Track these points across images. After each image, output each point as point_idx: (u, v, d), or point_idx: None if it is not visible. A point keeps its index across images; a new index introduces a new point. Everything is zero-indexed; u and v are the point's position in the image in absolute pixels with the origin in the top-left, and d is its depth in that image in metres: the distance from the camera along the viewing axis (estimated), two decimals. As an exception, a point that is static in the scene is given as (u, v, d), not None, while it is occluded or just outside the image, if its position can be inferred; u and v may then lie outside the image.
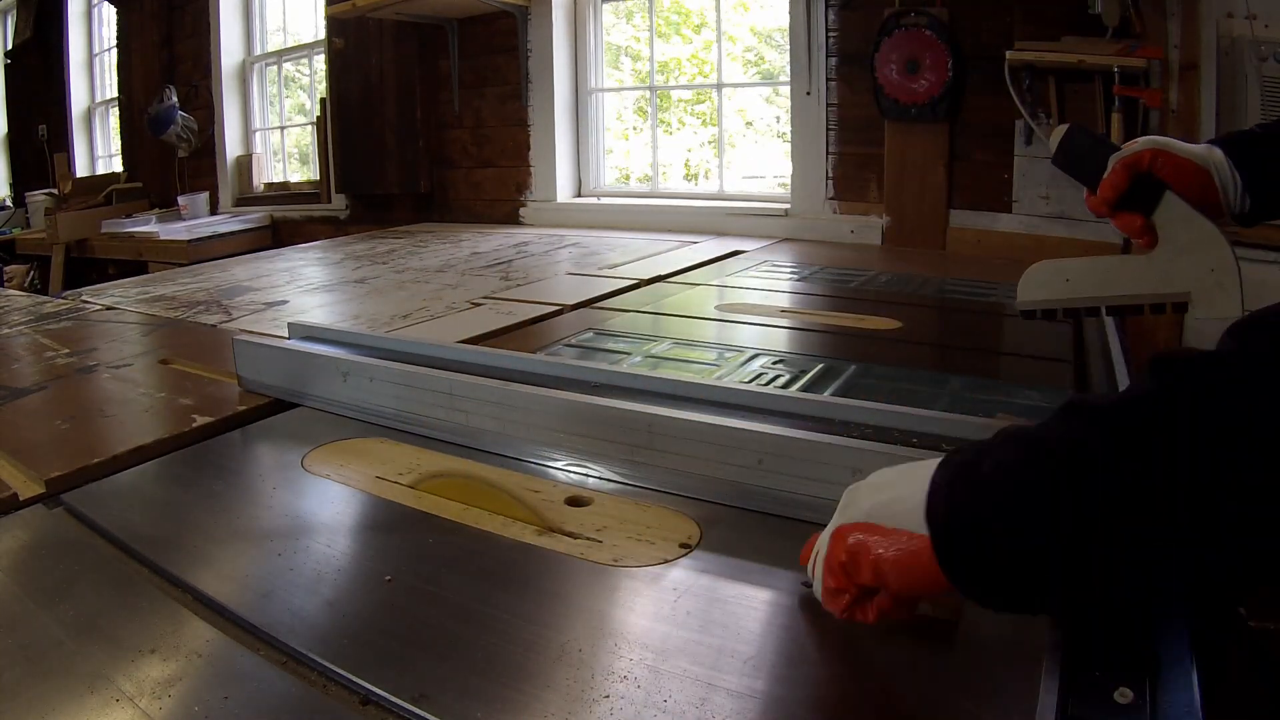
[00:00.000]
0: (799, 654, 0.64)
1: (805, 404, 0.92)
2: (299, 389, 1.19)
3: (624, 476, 0.92)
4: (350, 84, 3.89)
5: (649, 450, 0.89)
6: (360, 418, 1.12)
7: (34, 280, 4.82)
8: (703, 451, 0.86)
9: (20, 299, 2.30)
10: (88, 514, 0.88)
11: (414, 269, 2.45)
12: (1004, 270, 2.26)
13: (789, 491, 0.82)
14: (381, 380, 1.09)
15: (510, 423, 0.98)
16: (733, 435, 0.84)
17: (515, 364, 1.10)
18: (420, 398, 1.06)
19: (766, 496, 0.83)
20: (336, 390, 1.15)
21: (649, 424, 0.89)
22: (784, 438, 0.82)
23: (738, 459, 0.84)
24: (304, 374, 1.18)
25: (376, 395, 1.10)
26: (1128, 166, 0.85)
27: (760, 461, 0.83)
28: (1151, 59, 2.17)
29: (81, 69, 5.85)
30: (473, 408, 1.01)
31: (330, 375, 1.15)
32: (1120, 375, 1.35)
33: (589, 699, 0.58)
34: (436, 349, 1.18)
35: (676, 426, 0.87)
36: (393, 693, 0.58)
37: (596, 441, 0.93)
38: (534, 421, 0.97)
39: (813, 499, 0.79)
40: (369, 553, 0.81)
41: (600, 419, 0.92)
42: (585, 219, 3.40)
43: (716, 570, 0.75)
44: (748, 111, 3.69)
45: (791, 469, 0.81)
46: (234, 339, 1.28)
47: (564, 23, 3.42)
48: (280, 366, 1.21)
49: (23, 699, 0.59)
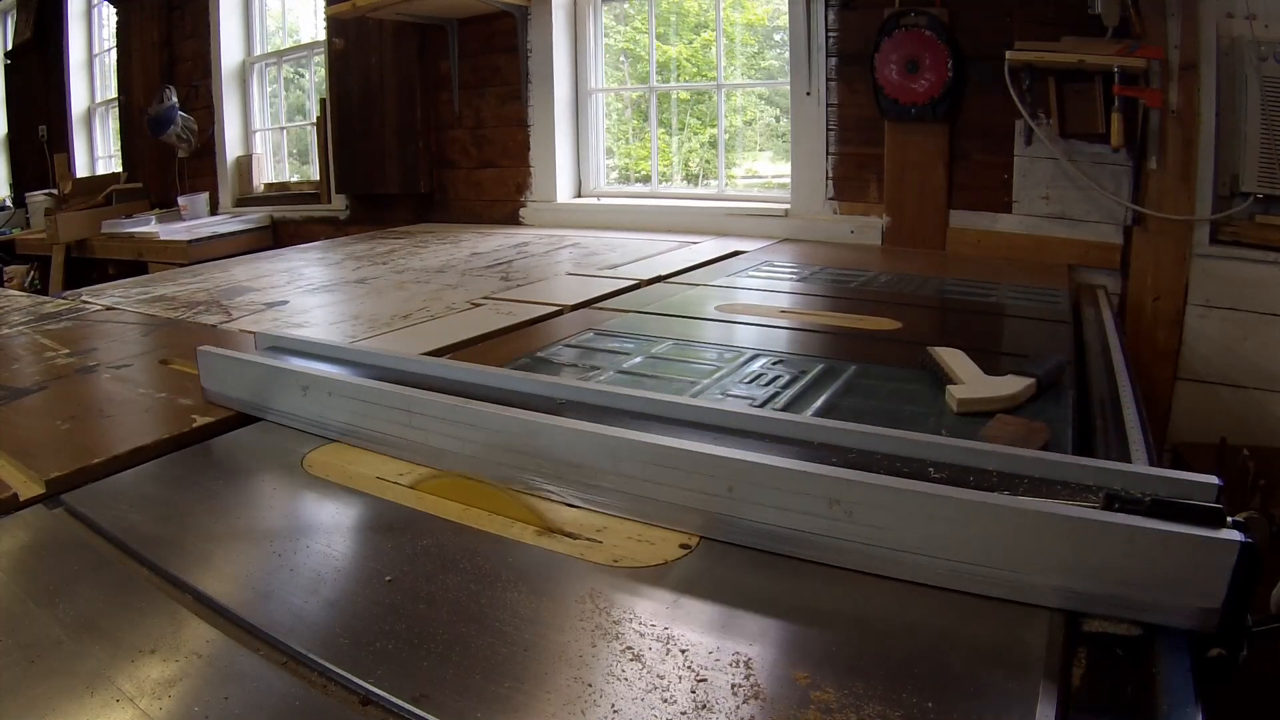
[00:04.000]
0: (799, 654, 0.64)
1: (784, 425, 0.89)
2: (261, 402, 1.15)
3: (585, 502, 0.86)
4: (350, 84, 3.89)
5: (613, 475, 0.84)
6: (321, 433, 1.08)
7: (34, 280, 4.82)
8: (667, 478, 0.80)
9: (20, 299, 2.30)
10: (88, 514, 0.88)
11: (414, 269, 2.45)
12: (1004, 270, 2.26)
13: (760, 522, 0.76)
14: (340, 395, 1.05)
15: (469, 442, 0.93)
16: (700, 460, 0.78)
17: (482, 379, 1.08)
18: (379, 414, 1.01)
19: (737, 527, 0.78)
20: (297, 404, 1.10)
21: (612, 447, 0.83)
22: (755, 464, 0.76)
23: (706, 486, 0.78)
24: (265, 387, 1.14)
25: (336, 410, 1.06)
26: None
27: (730, 489, 0.77)
28: (1151, 59, 2.17)
29: (81, 69, 5.85)
30: (431, 425, 0.96)
31: (291, 389, 1.10)
32: (1120, 375, 1.35)
33: (589, 699, 0.58)
34: (404, 361, 1.17)
35: (641, 450, 0.82)
36: (393, 693, 0.58)
37: (557, 464, 0.87)
38: (493, 441, 0.91)
39: (788, 531, 0.75)
40: (369, 553, 0.81)
41: (561, 441, 0.87)
42: (585, 219, 3.40)
43: (716, 571, 0.75)
44: (747, 111, 3.70)
45: (764, 498, 0.75)
46: (198, 349, 1.23)
47: (564, 23, 3.42)
48: (242, 379, 1.17)
49: (23, 699, 0.59)
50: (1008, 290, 1.97)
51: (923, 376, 1.23)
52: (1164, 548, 0.62)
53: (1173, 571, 0.61)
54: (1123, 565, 0.63)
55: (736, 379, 1.24)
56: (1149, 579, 0.62)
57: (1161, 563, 0.62)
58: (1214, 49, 2.15)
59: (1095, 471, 0.75)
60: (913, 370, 1.26)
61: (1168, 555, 0.62)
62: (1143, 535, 0.62)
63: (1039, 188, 2.45)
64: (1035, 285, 2.02)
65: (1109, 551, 0.63)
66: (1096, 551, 0.63)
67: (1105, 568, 0.63)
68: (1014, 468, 0.78)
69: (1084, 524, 0.64)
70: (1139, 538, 0.62)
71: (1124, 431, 1.08)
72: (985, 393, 1.09)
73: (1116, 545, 0.63)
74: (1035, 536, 0.65)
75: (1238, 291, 2.20)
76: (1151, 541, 0.62)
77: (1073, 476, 0.76)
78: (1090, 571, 0.63)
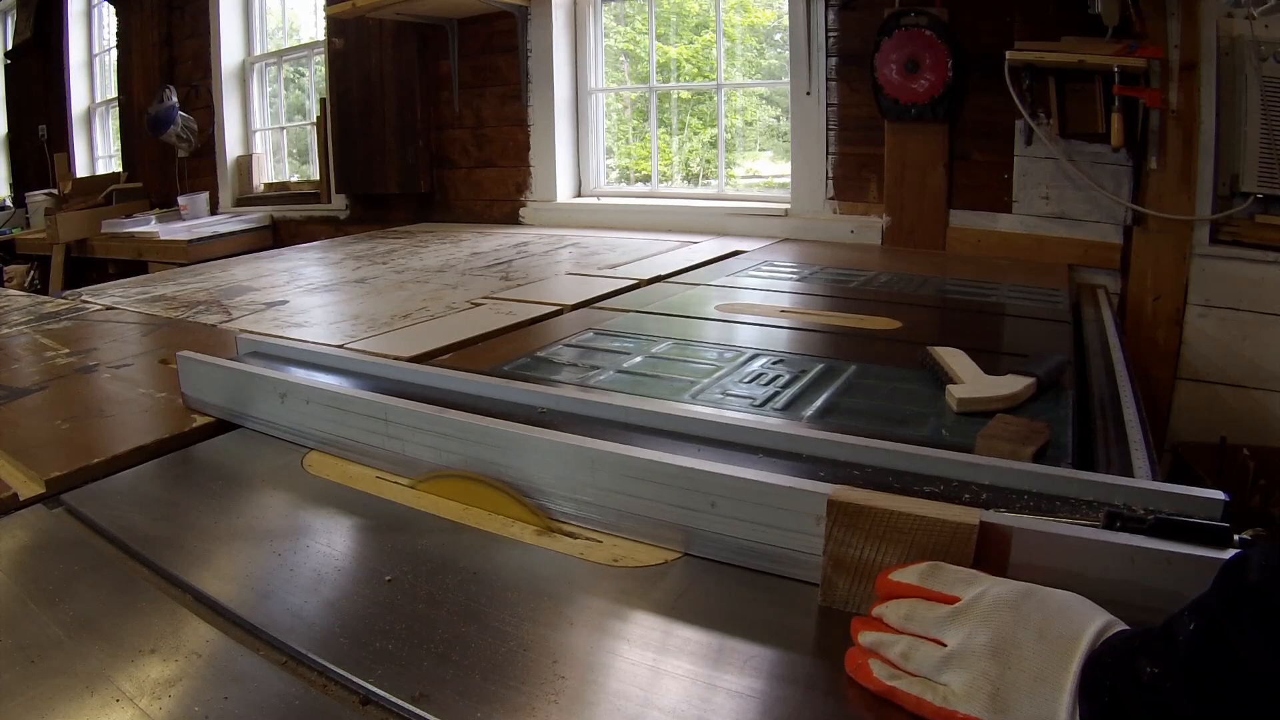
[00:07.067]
0: (800, 654, 0.64)
1: (773, 436, 0.87)
2: (239, 409, 1.13)
3: (566, 516, 0.84)
4: (350, 84, 3.89)
5: (592, 488, 0.81)
6: (299, 441, 1.06)
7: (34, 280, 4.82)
8: (648, 492, 0.78)
9: (20, 299, 2.30)
10: (88, 514, 0.88)
11: (414, 269, 2.45)
12: (1004, 270, 2.26)
13: (744, 539, 0.74)
14: (317, 403, 1.03)
15: (446, 453, 0.91)
16: (682, 474, 0.76)
17: (463, 386, 1.07)
18: (356, 422, 0.99)
19: (720, 543, 0.75)
20: (275, 412, 1.08)
21: (591, 459, 0.81)
22: (739, 479, 0.73)
23: (688, 501, 0.76)
24: (244, 394, 1.12)
25: (313, 419, 1.04)
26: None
27: (713, 504, 0.74)
28: (1151, 59, 2.17)
29: (81, 69, 5.85)
30: (408, 435, 0.94)
31: (269, 396, 1.09)
32: (1120, 374, 1.35)
33: (589, 699, 0.58)
34: (387, 368, 1.16)
35: (621, 463, 0.79)
36: (393, 692, 0.58)
37: (538, 476, 0.85)
38: (470, 453, 0.89)
39: (772, 548, 0.72)
40: (369, 553, 0.81)
41: (540, 451, 0.84)
42: (585, 219, 3.40)
43: (716, 570, 0.75)
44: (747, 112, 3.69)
45: (749, 514, 0.73)
46: (178, 355, 1.21)
47: (564, 23, 3.42)
48: (221, 385, 1.15)
49: (23, 699, 0.59)
50: (1008, 290, 1.97)
51: (923, 376, 1.23)
52: (1167, 567, 0.60)
53: (1177, 590, 0.59)
54: (1124, 585, 0.61)
55: (736, 378, 1.24)
56: (1152, 599, 0.60)
57: (1165, 583, 0.60)
58: (1214, 49, 2.15)
59: (1096, 486, 0.72)
60: (913, 370, 1.26)
61: (1171, 575, 0.60)
62: (1144, 555, 0.60)
63: (1039, 188, 2.46)
64: (1035, 285, 2.02)
65: (1109, 571, 0.61)
66: (1096, 571, 0.61)
67: (1105, 587, 0.61)
68: (1011, 482, 0.76)
69: (1083, 544, 0.62)
70: (1140, 558, 0.60)
71: (1124, 431, 1.08)
72: (985, 392, 1.09)
73: (1118, 565, 0.61)
74: (1031, 556, 0.63)
75: (1238, 291, 2.20)
76: (1154, 561, 0.60)
77: (1072, 492, 0.73)
78: (1090, 592, 0.59)
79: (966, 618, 0.56)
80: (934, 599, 0.59)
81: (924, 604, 0.59)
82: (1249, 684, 0.44)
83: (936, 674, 0.56)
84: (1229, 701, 0.45)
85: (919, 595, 0.60)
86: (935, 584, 0.60)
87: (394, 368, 1.18)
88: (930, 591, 0.60)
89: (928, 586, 0.60)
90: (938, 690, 0.55)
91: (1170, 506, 0.68)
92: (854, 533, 0.65)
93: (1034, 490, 0.74)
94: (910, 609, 0.60)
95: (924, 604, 0.59)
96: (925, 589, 0.60)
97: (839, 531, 0.66)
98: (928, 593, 0.60)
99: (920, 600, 0.60)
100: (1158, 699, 0.47)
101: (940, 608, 0.58)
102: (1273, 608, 0.44)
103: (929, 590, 0.60)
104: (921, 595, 0.60)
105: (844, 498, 0.66)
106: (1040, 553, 0.63)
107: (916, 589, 0.60)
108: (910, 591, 0.61)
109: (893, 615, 0.60)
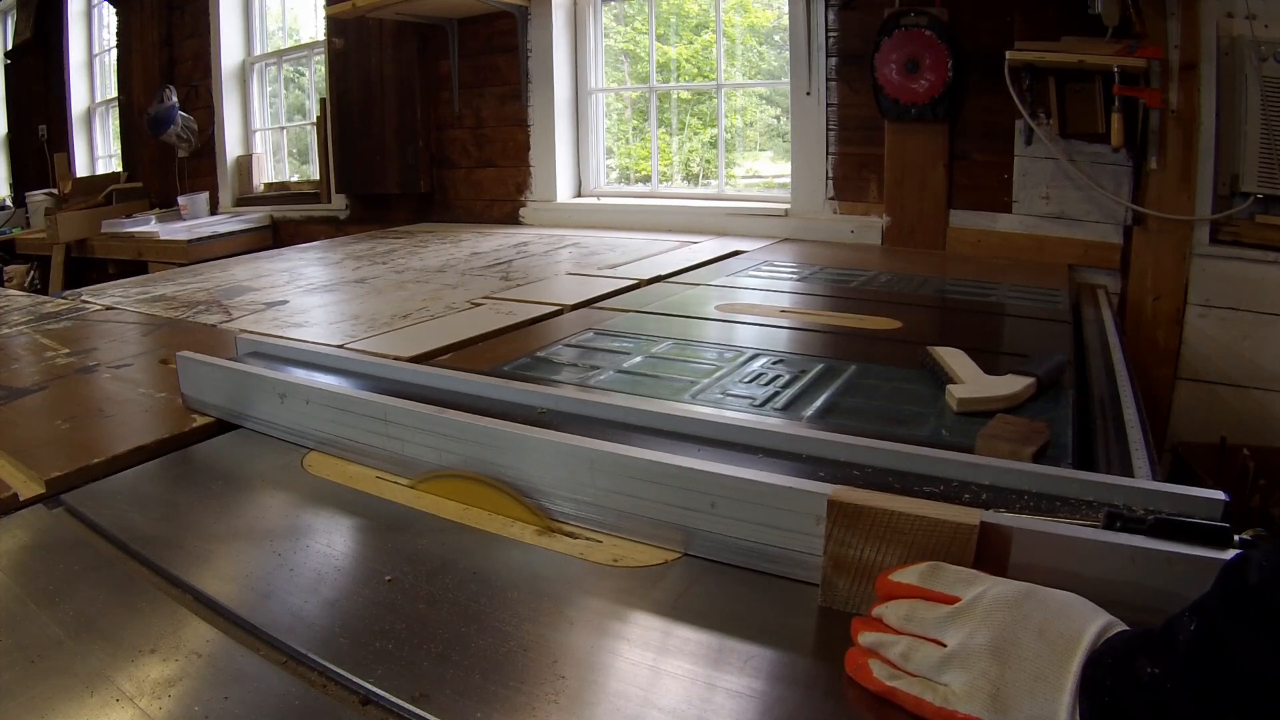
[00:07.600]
0: (800, 654, 0.64)
1: (773, 436, 0.87)
2: (239, 409, 1.13)
3: (565, 516, 0.84)
4: (350, 84, 3.89)
5: (592, 489, 0.81)
6: (299, 442, 1.06)
7: (34, 280, 4.82)
8: (648, 492, 0.78)
9: (20, 299, 2.30)
10: (88, 514, 0.88)
11: (414, 269, 2.45)
12: (1004, 270, 2.26)
13: (744, 539, 0.74)
14: (317, 404, 1.03)
15: (446, 453, 0.91)
16: (682, 475, 0.75)
17: (463, 386, 1.07)
18: (356, 423, 0.99)
19: (720, 544, 0.75)
20: (275, 412, 1.08)
21: (591, 459, 0.81)
22: (739, 479, 0.73)
23: (688, 501, 0.76)
24: (243, 394, 1.12)
25: (313, 419, 1.04)
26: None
27: (713, 505, 0.74)
28: (1151, 59, 2.17)
29: (81, 69, 5.85)
30: (408, 435, 0.94)
31: (269, 396, 1.08)
32: (1120, 374, 1.35)
33: (589, 699, 0.58)
34: (387, 368, 1.16)
35: (621, 463, 0.79)
36: (392, 692, 0.58)
37: (538, 476, 0.85)
38: (469, 453, 0.89)
39: (773, 549, 0.72)
40: (369, 553, 0.81)
41: (540, 451, 0.84)
42: (585, 219, 3.40)
43: (716, 571, 0.75)
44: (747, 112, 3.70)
45: (749, 514, 0.73)
46: (178, 355, 1.21)
47: (564, 23, 3.42)
48: (221, 385, 1.15)
49: (23, 699, 0.59)
50: (1008, 290, 1.97)
51: (923, 376, 1.23)
52: (1167, 567, 0.60)
53: (1177, 590, 0.59)
54: (1124, 585, 0.60)
55: (737, 378, 1.24)
56: (1152, 599, 0.60)
57: (1165, 583, 0.60)
58: (1214, 49, 2.15)
59: (1096, 487, 0.72)
60: (913, 370, 1.26)
61: (1171, 575, 0.59)
62: (1144, 556, 0.60)
63: (1039, 187, 2.46)
64: (1035, 285, 2.02)
65: (1109, 571, 0.61)
66: (1096, 571, 0.61)
67: (1105, 587, 0.60)
68: (1011, 482, 0.75)
69: (1083, 544, 0.62)
70: (1140, 558, 0.60)
71: (1124, 431, 1.08)
72: (985, 392, 1.09)
73: (1118, 565, 0.61)
74: (1031, 556, 0.63)
75: (1238, 291, 2.20)
76: (1155, 561, 0.60)
77: (1072, 492, 0.73)
78: (1090, 592, 0.59)
79: (967, 618, 0.56)
80: (934, 599, 0.59)
81: (924, 604, 0.59)
82: (1249, 684, 0.44)
83: (937, 674, 0.56)
84: (1229, 702, 0.45)
85: (919, 595, 0.60)
86: (935, 584, 0.60)
87: (394, 368, 1.18)
88: (930, 592, 0.60)
89: (928, 587, 0.60)
90: (938, 690, 0.55)
91: (1170, 506, 0.68)
92: (854, 533, 0.65)
93: (1034, 490, 0.74)
94: (910, 609, 0.60)
95: (924, 604, 0.59)
96: (925, 589, 0.60)
97: (839, 532, 0.66)
98: (928, 593, 0.60)
99: (920, 600, 0.60)
100: (1158, 699, 0.47)
101: (940, 608, 0.58)
102: (1273, 608, 0.44)
103: (929, 590, 0.60)
104: (922, 595, 0.60)
105: (844, 498, 0.66)
106: (1040, 553, 0.63)
107: (916, 589, 0.60)
108: (910, 592, 0.61)
109: (893, 615, 0.60)
